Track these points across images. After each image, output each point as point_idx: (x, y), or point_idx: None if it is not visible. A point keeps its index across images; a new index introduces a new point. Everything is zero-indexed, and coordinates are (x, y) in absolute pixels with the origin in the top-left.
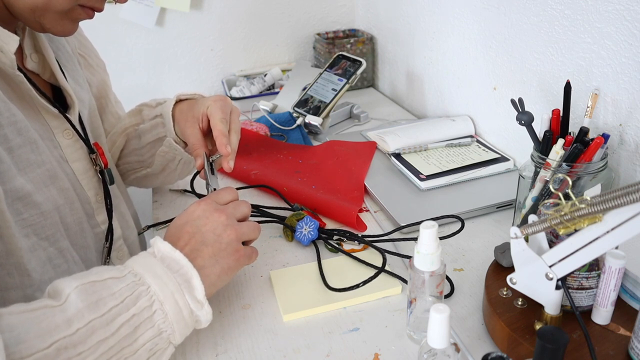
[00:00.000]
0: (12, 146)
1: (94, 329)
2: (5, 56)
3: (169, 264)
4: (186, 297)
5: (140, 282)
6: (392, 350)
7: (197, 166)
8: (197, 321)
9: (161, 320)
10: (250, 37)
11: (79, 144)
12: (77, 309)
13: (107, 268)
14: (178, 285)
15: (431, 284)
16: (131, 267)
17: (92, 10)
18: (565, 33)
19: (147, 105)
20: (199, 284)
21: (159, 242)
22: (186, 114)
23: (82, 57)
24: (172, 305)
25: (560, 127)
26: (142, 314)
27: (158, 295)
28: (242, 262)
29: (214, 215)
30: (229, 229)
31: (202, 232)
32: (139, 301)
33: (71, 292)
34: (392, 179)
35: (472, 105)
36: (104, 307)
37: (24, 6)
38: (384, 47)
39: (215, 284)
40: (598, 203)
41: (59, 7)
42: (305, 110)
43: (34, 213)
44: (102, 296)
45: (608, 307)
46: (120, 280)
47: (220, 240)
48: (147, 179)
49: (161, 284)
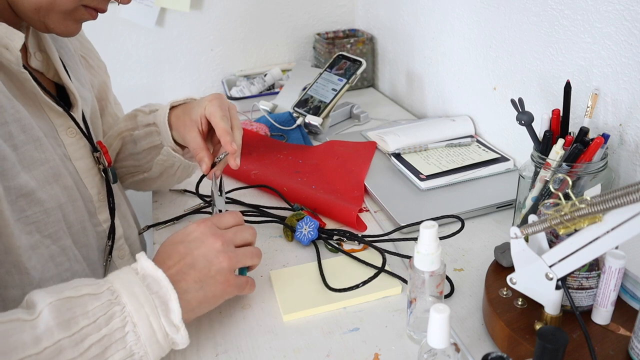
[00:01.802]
0: (17, 143)
1: (62, 349)
2: (10, 53)
3: (149, 283)
4: (162, 320)
5: (116, 302)
6: (392, 350)
7: (203, 170)
8: (173, 343)
9: (133, 342)
10: (250, 37)
11: (82, 142)
12: (47, 326)
13: (85, 282)
14: (155, 307)
15: (431, 284)
16: (111, 282)
17: (95, 11)
18: (565, 33)
19: (141, 111)
20: (177, 307)
21: (142, 259)
22: (183, 119)
23: (83, 59)
24: (145, 327)
25: (560, 127)
26: (113, 335)
27: (132, 316)
28: (229, 292)
29: (209, 239)
30: (222, 256)
31: (193, 255)
32: (111, 321)
33: (44, 307)
34: (392, 179)
35: (472, 105)
36: (75, 326)
37: (28, 6)
38: (384, 47)
39: (195, 310)
40: (598, 203)
41: (62, 7)
42: (305, 110)
43: (37, 210)
44: (75, 314)
45: (608, 307)
46: (96, 298)
47: (209, 266)
48: (144, 183)
49: (137, 304)
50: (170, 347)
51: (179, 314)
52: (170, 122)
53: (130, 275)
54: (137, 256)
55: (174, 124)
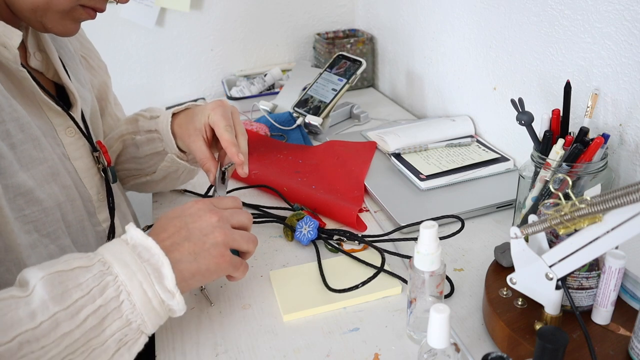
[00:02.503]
0: (15, 142)
1: (58, 322)
2: (8, 51)
3: (139, 252)
4: (155, 286)
5: (108, 272)
6: (392, 350)
7: (210, 181)
8: (170, 310)
9: (129, 311)
10: (250, 37)
11: (81, 141)
12: (42, 301)
13: (76, 256)
14: (147, 274)
15: (431, 284)
16: (101, 254)
17: (93, 11)
18: (565, 33)
19: (141, 115)
20: (170, 273)
21: (131, 229)
22: (187, 128)
23: (84, 59)
24: (140, 295)
25: (560, 127)
26: (108, 305)
27: (126, 285)
28: (223, 268)
29: (206, 215)
30: (218, 231)
31: (188, 229)
32: (105, 292)
33: (37, 283)
34: (392, 179)
35: (472, 105)
36: (69, 299)
37: (25, 6)
38: (384, 47)
39: (188, 281)
40: (598, 203)
41: (59, 6)
42: (305, 110)
43: (35, 209)
44: (67, 287)
45: (608, 307)
46: (87, 270)
47: (204, 240)
48: (147, 185)
49: (129, 273)
50: (168, 314)
51: (173, 279)
52: (174, 131)
53: (120, 246)
54: (126, 227)
55: (178, 133)
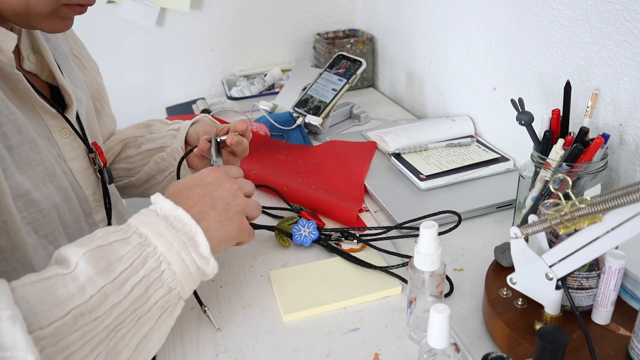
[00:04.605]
0: (12, 144)
1: (107, 294)
2: (3, 55)
3: (172, 222)
4: (192, 254)
5: (147, 244)
6: (392, 350)
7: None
8: (203, 274)
9: (170, 279)
10: (251, 37)
11: (76, 142)
12: (88, 276)
13: (110, 230)
14: (183, 243)
15: (431, 284)
16: (135, 227)
17: (79, 6)
18: (565, 33)
19: (161, 121)
20: (204, 241)
21: (160, 199)
22: (204, 124)
23: (77, 58)
24: (179, 264)
25: (560, 127)
26: (151, 275)
27: (165, 255)
28: (243, 236)
29: (226, 184)
30: (238, 200)
31: (212, 197)
32: (147, 263)
33: (79, 259)
34: (392, 179)
35: (472, 105)
36: (113, 272)
37: (7, 12)
38: (384, 47)
39: (216, 247)
40: (598, 203)
41: (40, 10)
42: (305, 110)
43: (33, 211)
44: (110, 261)
45: (608, 307)
46: (126, 242)
47: (228, 208)
48: (126, 190)
49: (167, 244)
50: (201, 278)
51: (207, 247)
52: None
53: (152, 218)
54: (152, 198)
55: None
